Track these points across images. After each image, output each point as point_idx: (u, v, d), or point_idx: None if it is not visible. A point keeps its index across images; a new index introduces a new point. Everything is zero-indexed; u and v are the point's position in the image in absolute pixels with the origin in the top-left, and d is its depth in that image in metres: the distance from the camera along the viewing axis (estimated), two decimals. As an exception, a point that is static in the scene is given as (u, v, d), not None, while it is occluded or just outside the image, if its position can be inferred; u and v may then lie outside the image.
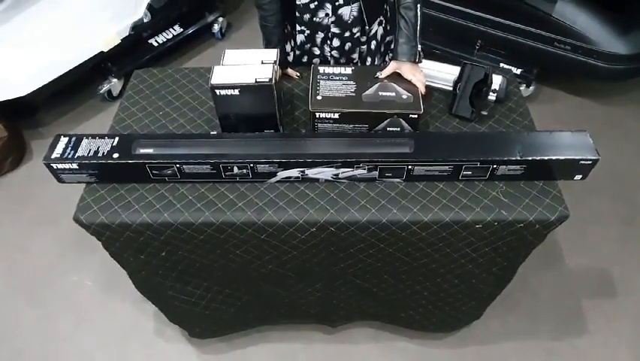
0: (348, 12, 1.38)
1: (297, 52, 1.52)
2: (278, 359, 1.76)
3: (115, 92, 2.72)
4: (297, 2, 1.37)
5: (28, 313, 1.90)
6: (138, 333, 1.84)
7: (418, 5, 1.29)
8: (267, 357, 1.76)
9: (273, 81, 1.14)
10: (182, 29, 2.95)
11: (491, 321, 1.80)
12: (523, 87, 2.60)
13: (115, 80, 2.68)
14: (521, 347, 1.77)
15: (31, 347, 1.81)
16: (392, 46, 1.58)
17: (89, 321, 1.87)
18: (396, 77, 1.30)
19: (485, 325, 1.79)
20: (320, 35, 1.44)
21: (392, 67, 1.31)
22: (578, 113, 2.63)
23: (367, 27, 1.44)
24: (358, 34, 1.44)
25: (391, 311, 1.60)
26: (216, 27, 3.11)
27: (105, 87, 2.67)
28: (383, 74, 1.31)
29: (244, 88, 1.14)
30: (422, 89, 1.26)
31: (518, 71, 2.58)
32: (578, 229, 2.07)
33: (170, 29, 2.92)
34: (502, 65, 2.62)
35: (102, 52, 2.49)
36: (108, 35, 2.50)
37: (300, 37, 1.47)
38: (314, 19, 1.40)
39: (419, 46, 1.31)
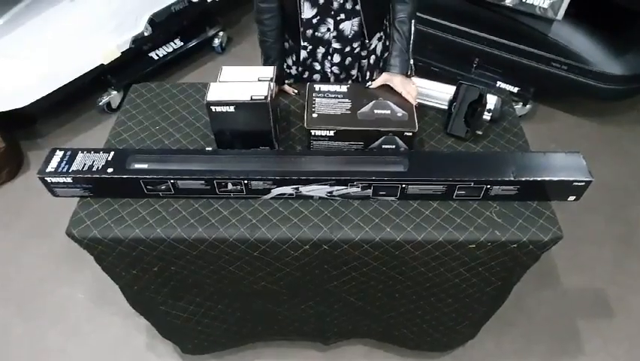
0: (349, 27, 1.39)
1: (300, 68, 1.53)
2: (270, 376, 1.74)
3: (114, 105, 2.73)
4: (302, 17, 1.38)
5: (18, 326, 1.88)
6: (130, 348, 1.82)
7: (413, 20, 1.33)
8: (259, 374, 1.75)
9: (269, 99, 1.14)
10: (182, 43, 2.98)
11: (486, 341, 1.79)
12: (519, 106, 2.62)
13: (114, 92, 2.70)
14: (516, 368, 1.76)
15: (21, 359, 1.79)
16: None
17: (80, 335, 1.86)
18: (388, 89, 1.32)
19: (480, 345, 1.77)
20: (321, 50, 1.46)
21: (383, 78, 1.33)
22: (575, 132, 2.65)
23: (367, 41, 1.45)
24: (358, 49, 1.46)
25: (385, 330, 1.58)
26: (217, 41, 3.14)
27: (104, 99, 2.68)
28: (374, 84, 1.34)
29: (239, 105, 1.14)
30: (413, 102, 1.28)
31: (515, 90, 2.60)
32: (573, 248, 2.06)
33: (171, 43, 2.94)
34: (499, 83, 2.64)
35: (102, 64, 2.51)
36: (108, 48, 2.51)
37: (302, 53, 1.48)
38: (316, 33, 1.41)
39: (411, 60, 1.33)
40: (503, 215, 1.16)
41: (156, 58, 2.86)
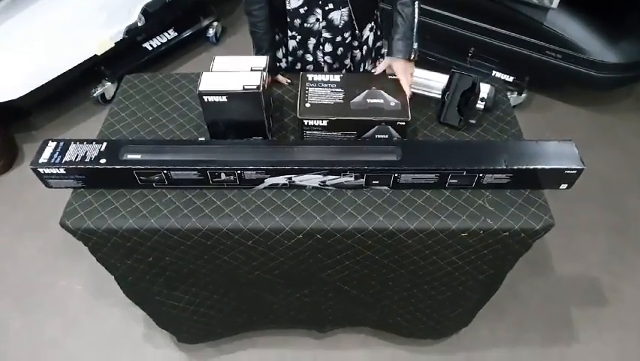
0: (338, 16, 1.39)
1: (290, 58, 1.52)
2: (267, 365, 1.76)
3: (108, 96, 2.72)
4: (287, 7, 1.37)
5: (16, 320, 1.89)
6: (127, 338, 1.83)
7: (416, 3, 1.28)
8: (255, 363, 1.76)
9: (261, 88, 1.14)
10: (176, 33, 2.96)
11: (480, 329, 1.80)
12: (515, 94, 2.62)
13: (108, 83, 2.68)
14: (510, 356, 1.77)
15: (19, 352, 1.80)
16: (382, 51, 1.59)
17: (78, 326, 1.87)
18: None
19: (474, 332, 1.79)
20: (312, 41, 1.45)
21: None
22: (570, 121, 2.65)
23: (358, 32, 1.45)
24: (350, 38, 1.45)
25: (379, 318, 1.60)
26: (211, 31, 3.12)
27: (99, 91, 2.67)
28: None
29: (232, 95, 1.14)
30: (407, 92, 1.27)
31: (510, 79, 2.60)
32: (567, 236, 2.08)
33: (165, 33, 2.92)
34: (494, 72, 2.63)
35: (96, 55, 2.49)
36: (102, 39, 2.50)
37: (291, 44, 1.47)
38: (304, 24, 1.40)
39: (415, 43, 1.29)
40: (495, 203, 1.17)
41: (150, 49, 2.84)
